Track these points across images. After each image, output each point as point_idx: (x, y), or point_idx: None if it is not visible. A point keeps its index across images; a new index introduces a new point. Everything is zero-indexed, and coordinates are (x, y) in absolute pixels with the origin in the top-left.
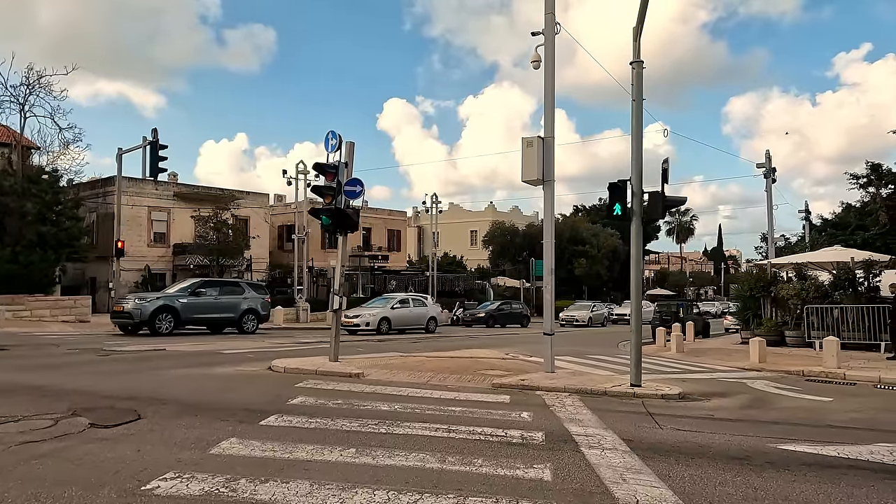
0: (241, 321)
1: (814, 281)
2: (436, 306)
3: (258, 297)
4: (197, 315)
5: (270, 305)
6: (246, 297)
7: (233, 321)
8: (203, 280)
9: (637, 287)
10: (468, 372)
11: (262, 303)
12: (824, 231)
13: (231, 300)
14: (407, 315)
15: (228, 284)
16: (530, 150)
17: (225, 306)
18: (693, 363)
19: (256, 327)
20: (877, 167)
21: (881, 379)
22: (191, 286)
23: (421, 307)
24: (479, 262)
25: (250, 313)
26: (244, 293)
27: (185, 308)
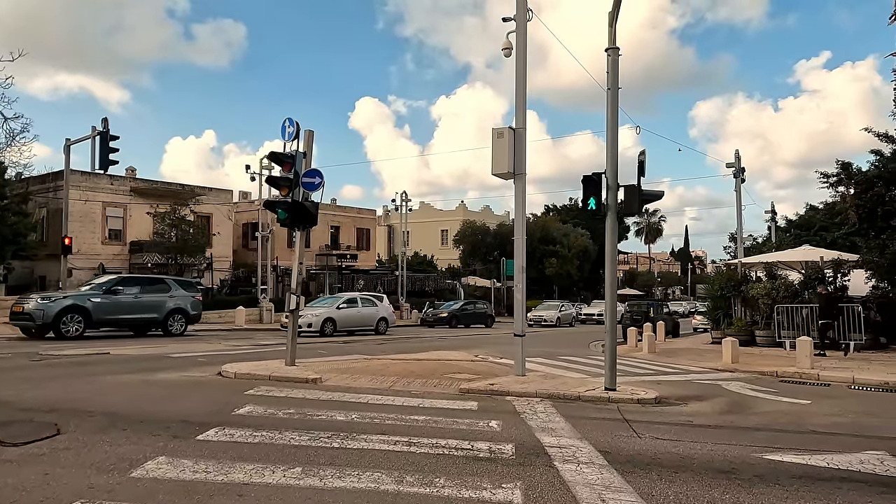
0: (166, 322)
1: (784, 280)
2: (387, 306)
3: (187, 295)
4: (112, 316)
5: (202, 305)
6: (173, 296)
7: (156, 322)
8: (121, 277)
9: (612, 286)
10: (435, 376)
11: (192, 302)
12: (789, 232)
13: (154, 299)
14: (354, 316)
15: (152, 282)
16: (501, 141)
17: (147, 306)
18: (666, 364)
19: (185, 329)
20: (847, 166)
21: (854, 379)
22: (106, 283)
23: (370, 307)
24: (449, 261)
25: (177, 313)
26: (170, 291)
27: (97, 308)
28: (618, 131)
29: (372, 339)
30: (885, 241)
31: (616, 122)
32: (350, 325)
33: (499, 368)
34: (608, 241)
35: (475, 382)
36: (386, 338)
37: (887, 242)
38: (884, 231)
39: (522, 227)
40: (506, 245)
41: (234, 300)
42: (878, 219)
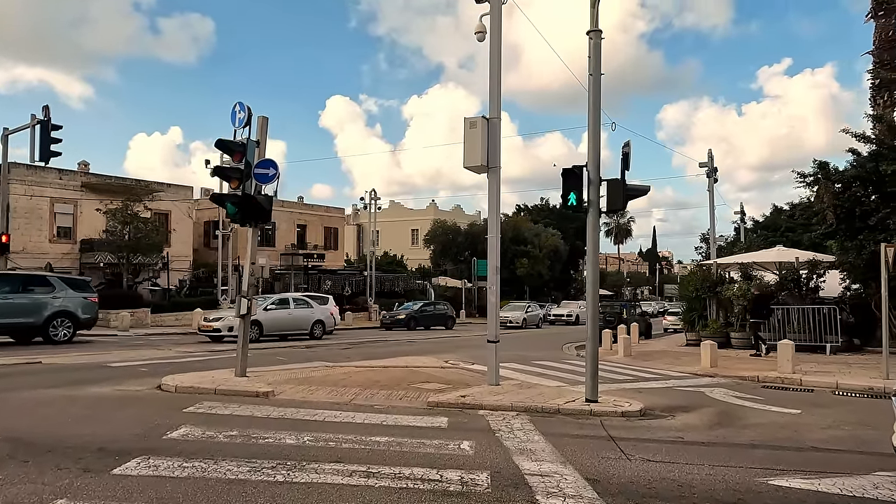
0: (47, 327)
1: (759, 281)
2: (326, 308)
3: (77, 296)
4: None
5: (98, 306)
6: (57, 297)
7: (34, 327)
8: None
9: (594, 286)
10: (401, 386)
11: (83, 304)
12: (756, 233)
13: (31, 300)
14: (284, 318)
15: (31, 280)
16: (473, 132)
17: (21, 308)
18: (643, 368)
19: (73, 335)
20: (824, 165)
21: (838, 385)
22: None
23: (303, 309)
24: (420, 261)
25: (62, 317)
26: (54, 291)
27: None
28: (600, 120)
29: (335, 344)
30: (863, 242)
31: (598, 111)
32: (279, 328)
33: (470, 376)
34: (590, 239)
35: (445, 394)
36: (353, 342)
37: (864, 243)
38: (860, 232)
39: (497, 225)
40: (477, 245)
41: (192, 301)
42: (856, 219)
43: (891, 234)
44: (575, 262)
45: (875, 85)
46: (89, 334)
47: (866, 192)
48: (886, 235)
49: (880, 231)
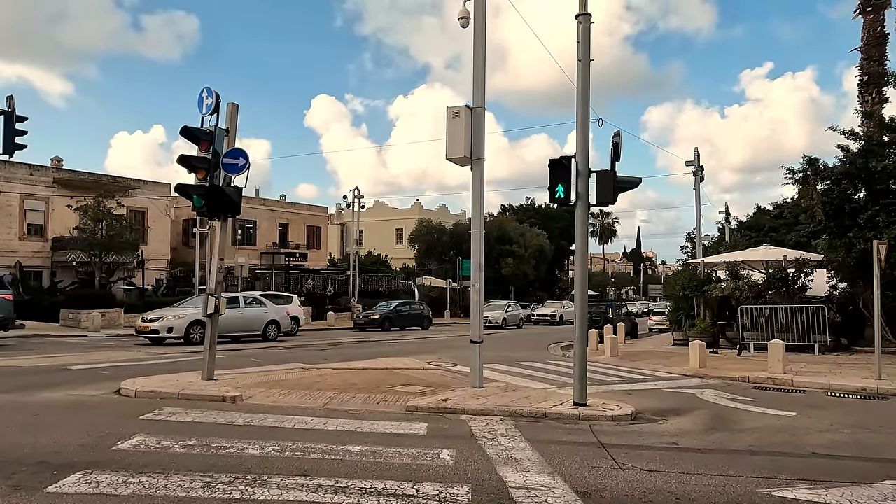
0: None
1: (746, 280)
2: (281, 307)
3: None
4: None
5: (14, 305)
6: None
7: None
8: None
9: (583, 285)
10: (379, 389)
11: None
12: (739, 233)
13: None
14: (234, 319)
15: None
16: (457, 121)
17: None
18: (631, 369)
19: None
20: (814, 162)
21: (830, 385)
22: None
23: (255, 309)
24: (405, 261)
25: None
26: None
27: None
28: (589, 108)
29: (314, 345)
30: (852, 240)
31: (587, 98)
32: (228, 329)
33: (453, 378)
34: (578, 234)
35: (425, 397)
36: (333, 342)
37: (854, 241)
38: (849, 229)
39: (481, 220)
40: (462, 244)
41: (168, 301)
42: (845, 217)
43: (880, 231)
44: (560, 262)
45: (864, 81)
46: (59, 335)
47: (856, 189)
48: (876, 233)
49: (869, 229)
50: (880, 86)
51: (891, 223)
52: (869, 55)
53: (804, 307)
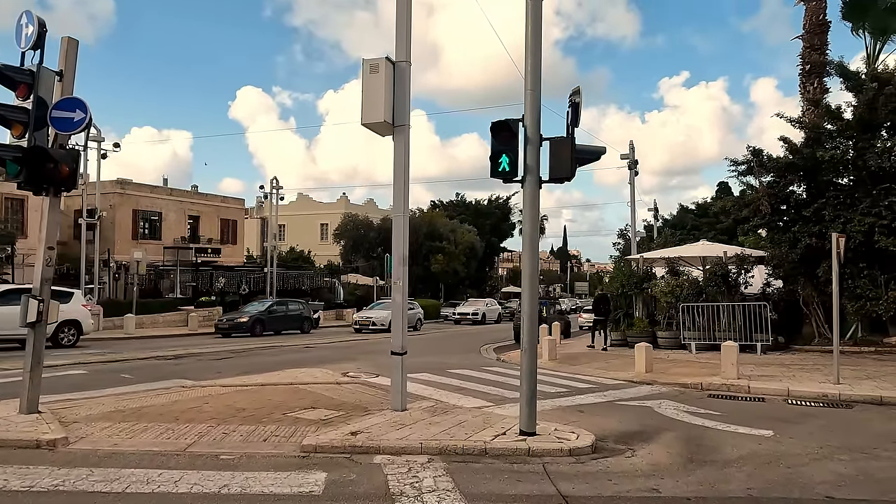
0: None
1: (687, 277)
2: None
3: None
4: None
5: None
6: None
7: None
8: None
9: (532, 279)
10: (273, 417)
11: None
12: (662, 231)
13: None
14: None
15: None
16: (375, 78)
17: None
18: (574, 375)
19: None
20: (758, 153)
21: (790, 392)
22: None
23: None
24: (329, 257)
25: None
26: None
27: None
28: (541, 58)
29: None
30: (797, 235)
31: (538, 43)
32: None
33: (371, 396)
34: (527, 218)
35: (330, 429)
36: (236, 350)
37: (798, 236)
38: (794, 223)
39: (404, 202)
40: (390, 240)
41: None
42: (790, 210)
43: (826, 225)
44: (491, 260)
45: (805, 70)
46: None
47: (801, 182)
48: (821, 227)
49: (814, 223)
50: (821, 75)
51: (836, 217)
52: (811, 43)
53: (745, 305)
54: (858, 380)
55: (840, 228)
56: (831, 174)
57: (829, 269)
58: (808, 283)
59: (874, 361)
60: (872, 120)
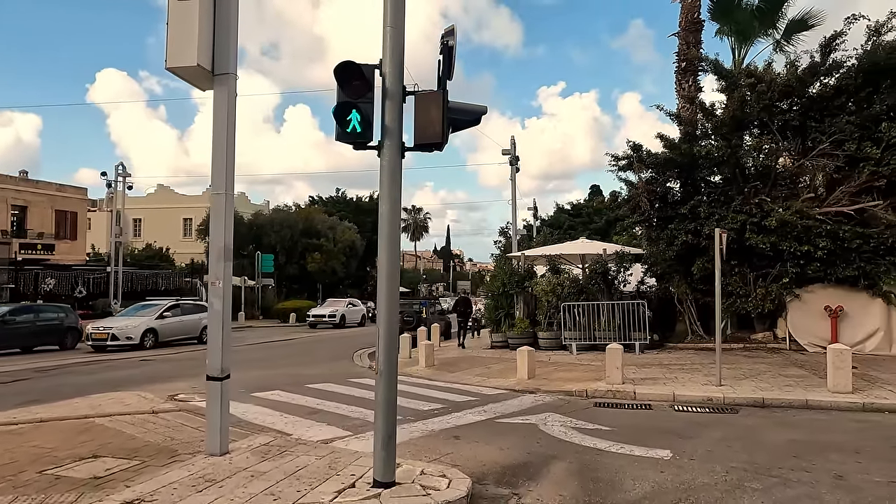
0: None
1: (568, 275)
2: None
3: None
4: None
5: None
6: None
7: None
8: None
9: (390, 277)
10: (20, 479)
11: None
12: (540, 231)
13: None
14: None
15: None
16: (185, 7)
17: None
18: (452, 385)
19: None
20: (638, 148)
21: (675, 397)
22: None
23: None
24: (194, 255)
25: None
26: None
27: None
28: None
29: (5, 373)
30: (674, 232)
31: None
32: None
33: (192, 431)
34: (385, 197)
35: (95, 499)
36: (47, 367)
37: (675, 233)
38: (671, 221)
39: (227, 178)
40: (262, 237)
41: None
42: (668, 207)
43: (701, 223)
44: (372, 259)
45: (681, 68)
46: None
47: (678, 178)
48: (697, 224)
49: (691, 220)
50: (696, 73)
51: (711, 214)
52: (686, 41)
53: (624, 304)
54: (737, 380)
55: (714, 226)
56: (707, 171)
57: (703, 267)
58: (682, 280)
59: (746, 358)
60: (744, 118)
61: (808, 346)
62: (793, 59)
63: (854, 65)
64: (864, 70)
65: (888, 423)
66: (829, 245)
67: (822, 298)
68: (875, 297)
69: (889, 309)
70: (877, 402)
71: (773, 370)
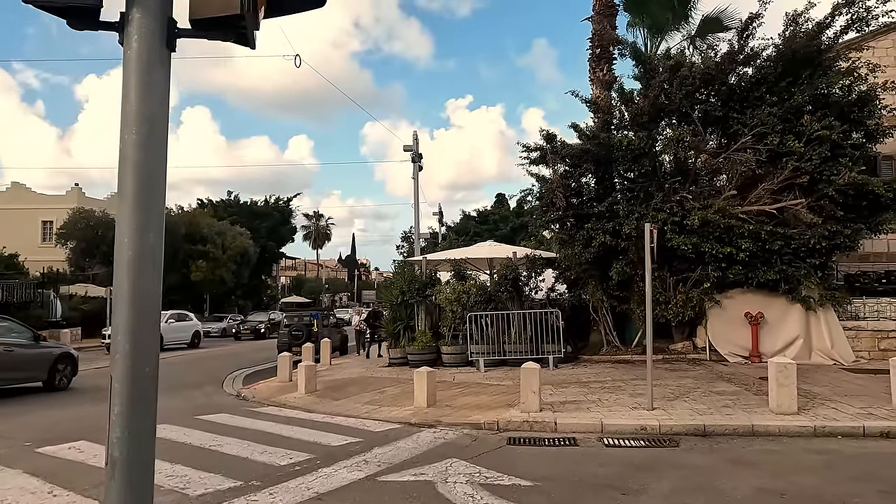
0: None
1: (475, 282)
2: None
3: None
4: None
5: None
6: None
7: None
8: None
9: (139, 267)
10: None
11: None
12: (446, 237)
13: None
14: None
15: None
16: None
17: None
18: (332, 419)
19: None
20: (551, 137)
21: (604, 427)
22: None
23: None
24: (56, 263)
25: None
26: None
27: None
28: None
29: None
30: (590, 232)
31: None
32: None
33: None
34: (133, 118)
35: None
36: None
37: (592, 233)
38: (588, 219)
39: None
40: None
41: None
42: (584, 204)
43: (619, 221)
44: (267, 266)
45: (595, 55)
46: None
47: (595, 173)
48: (615, 224)
49: (608, 219)
50: (611, 60)
51: (630, 212)
52: (601, 26)
53: (536, 313)
54: (668, 400)
55: (634, 224)
56: (625, 165)
57: (622, 270)
58: (598, 286)
59: (668, 372)
60: (664, 107)
61: (729, 356)
62: (710, 43)
63: (772, 53)
64: (784, 59)
65: (850, 452)
66: (751, 246)
67: (742, 304)
68: (794, 303)
69: (808, 315)
70: (828, 426)
71: (702, 386)
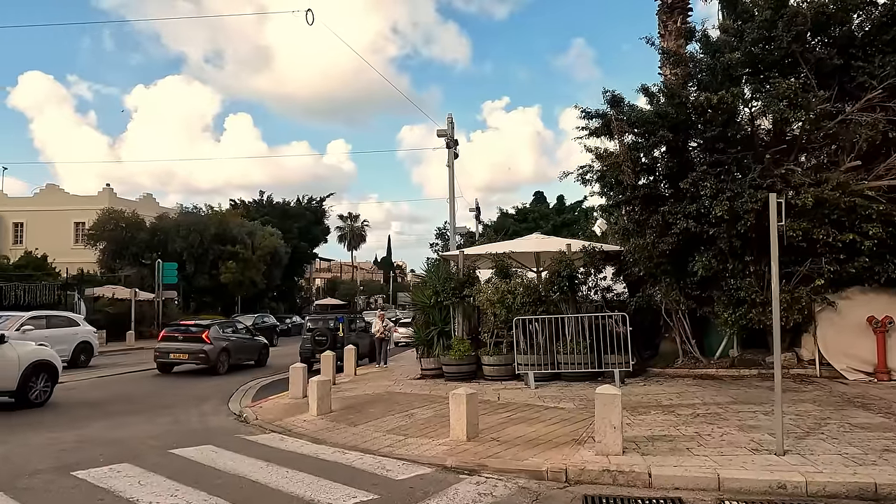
0: None
1: (521, 280)
2: None
3: None
4: None
5: None
6: None
7: None
8: None
9: None
10: None
11: None
12: (483, 236)
13: None
14: None
15: None
16: None
17: None
18: (345, 451)
19: None
20: (618, 101)
21: (721, 483)
22: None
23: None
24: (88, 265)
25: None
26: None
27: None
28: None
29: None
30: (667, 217)
31: None
32: None
33: None
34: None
35: None
36: None
37: (671, 218)
38: (663, 201)
39: None
40: (167, 244)
41: None
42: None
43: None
44: (300, 268)
45: (667, 4)
46: None
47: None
48: (699, 206)
49: (690, 199)
50: (685, 9)
51: (721, 190)
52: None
53: (598, 317)
54: (798, 439)
55: (727, 206)
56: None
57: (708, 265)
58: (673, 284)
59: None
60: (766, 55)
61: (846, 372)
62: None
63: None
64: None
65: None
66: (881, 232)
67: (863, 307)
68: None
69: None
70: None
71: (832, 415)
